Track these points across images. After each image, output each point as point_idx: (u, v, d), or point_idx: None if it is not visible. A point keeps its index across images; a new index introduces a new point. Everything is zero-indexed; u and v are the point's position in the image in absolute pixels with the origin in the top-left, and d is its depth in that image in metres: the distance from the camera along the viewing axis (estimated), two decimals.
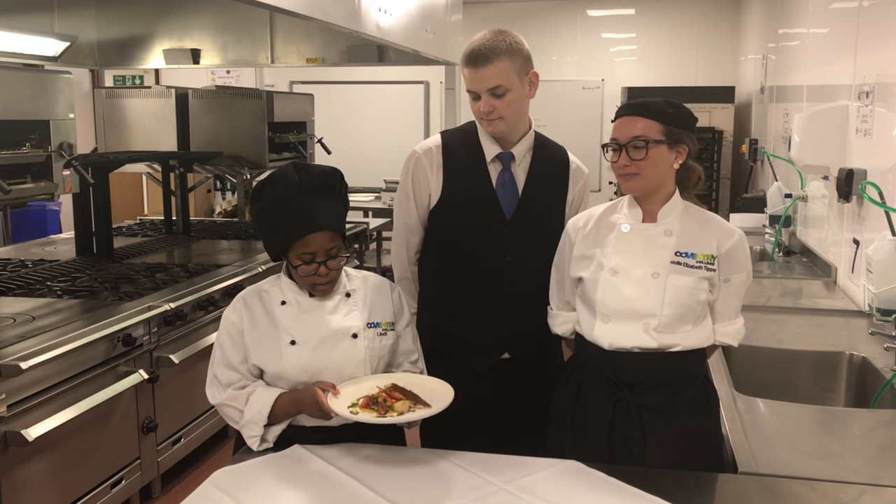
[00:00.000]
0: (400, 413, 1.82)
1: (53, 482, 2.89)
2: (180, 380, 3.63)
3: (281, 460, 1.88)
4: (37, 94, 3.27)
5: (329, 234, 1.91)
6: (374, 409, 1.82)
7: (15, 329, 2.99)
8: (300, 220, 1.90)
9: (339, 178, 1.99)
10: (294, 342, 1.94)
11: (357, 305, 2.02)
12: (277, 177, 1.94)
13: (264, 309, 1.99)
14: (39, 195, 3.35)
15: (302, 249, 1.90)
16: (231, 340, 1.99)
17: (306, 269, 1.91)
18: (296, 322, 1.96)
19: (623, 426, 1.96)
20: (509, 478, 1.76)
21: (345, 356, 1.96)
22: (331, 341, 1.96)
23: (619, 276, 1.96)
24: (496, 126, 2.19)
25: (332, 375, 1.94)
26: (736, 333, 2.04)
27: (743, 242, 2.00)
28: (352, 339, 1.97)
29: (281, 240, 1.93)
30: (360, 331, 1.98)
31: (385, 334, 2.02)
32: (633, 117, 1.93)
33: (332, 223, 1.93)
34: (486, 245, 2.25)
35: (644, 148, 1.90)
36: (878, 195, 2.79)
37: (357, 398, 1.87)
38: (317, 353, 1.94)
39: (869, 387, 2.48)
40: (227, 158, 5.36)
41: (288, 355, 1.93)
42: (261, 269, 4.26)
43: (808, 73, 4.33)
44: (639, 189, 1.96)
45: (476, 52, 2.13)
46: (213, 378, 2.00)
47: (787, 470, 1.78)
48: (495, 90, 2.14)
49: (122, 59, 5.73)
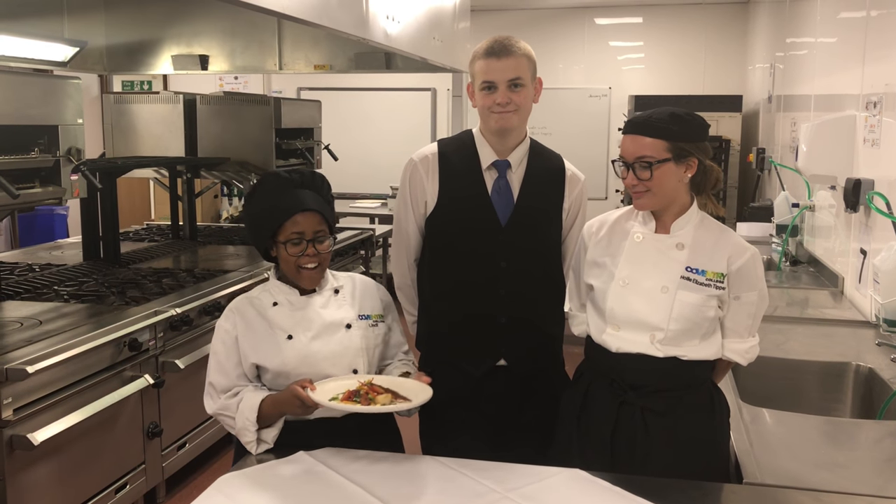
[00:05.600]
0: (383, 405, 1.86)
1: (58, 486, 2.89)
2: (186, 385, 3.63)
3: (285, 467, 1.89)
4: (46, 100, 3.28)
5: (317, 217, 2.01)
6: (357, 402, 1.86)
7: (22, 333, 3.00)
8: (289, 202, 2.01)
9: (326, 181, 2.12)
10: (291, 336, 2.00)
11: (346, 300, 2.10)
12: (269, 175, 2.09)
13: (257, 312, 2.05)
14: (47, 200, 3.36)
15: (291, 229, 1.99)
16: (224, 347, 2.03)
17: (294, 250, 1.99)
18: (289, 319, 2.03)
19: (627, 428, 1.97)
20: (513, 485, 1.76)
21: (342, 345, 2.02)
22: (326, 333, 2.02)
23: (628, 288, 1.96)
24: (509, 120, 2.20)
25: (331, 365, 2.00)
26: (746, 352, 2.01)
27: (755, 261, 1.98)
28: (346, 330, 2.04)
29: (272, 223, 2.00)
30: (353, 321, 2.06)
31: (376, 325, 2.11)
32: (638, 136, 1.92)
33: (319, 206, 2.03)
34: (481, 251, 2.27)
35: (649, 168, 1.90)
36: (886, 205, 2.79)
37: (337, 393, 1.90)
38: (314, 344, 2.00)
39: (875, 398, 2.47)
40: (234, 164, 5.37)
41: (287, 349, 1.99)
42: (266, 274, 4.25)
43: (815, 83, 4.33)
44: (650, 206, 1.97)
45: (498, 45, 2.18)
46: (209, 385, 2.05)
47: (792, 481, 1.78)
48: (515, 80, 2.17)
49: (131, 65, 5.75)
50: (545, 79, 2.30)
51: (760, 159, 5.96)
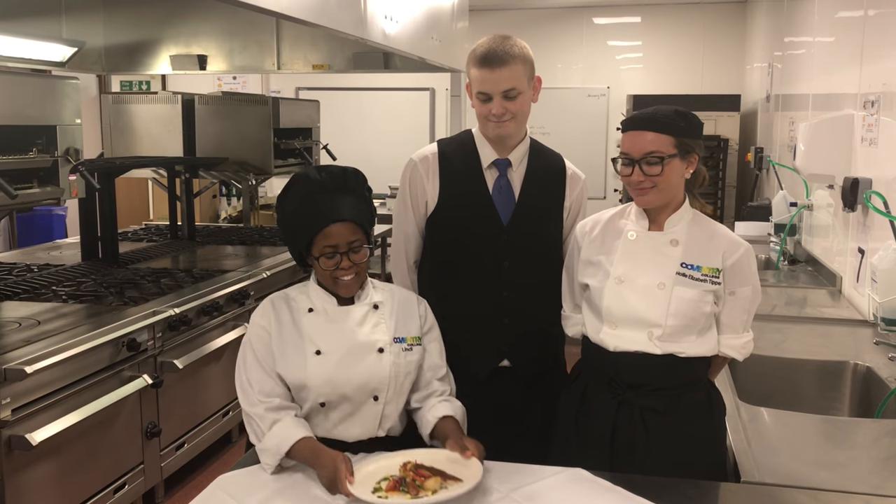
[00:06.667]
0: (434, 491, 1.67)
1: (57, 486, 2.89)
2: (184, 385, 3.63)
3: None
4: (44, 100, 3.28)
5: (351, 226, 1.91)
6: (405, 492, 1.67)
7: (20, 333, 3.00)
8: (320, 213, 1.90)
9: (361, 177, 2.01)
10: (319, 352, 1.91)
11: (384, 318, 1.99)
12: (300, 177, 1.97)
13: (291, 316, 1.96)
14: (46, 200, 3.36)
15: (323, 242, 1.89)
16: (262, 345, 1.94)
17: (328, 263, 1.90)
18: (322, 331, 1.94)
19: (626, 428, 1.97)
20: (514, 485, 1.77)
21: (370, 370, 1.92)
22: (356, 354, 1.92)
23: (624, 285, 1.97)
24: (506, 128, 2.19)
25: (355, 389, 1.91)
26: (741, 347, 2.02)
27: (749, 256, 1.99)
28: (377, 354, 1.93)
29: (304, 235, 1.92)
30: (386, 345, 1.94)
31: (411, 349, 1.98)
32: (644, 132, 1.92)
33: (353, 214, 1.92)
34: (482, 251, 2.26)
35: (659, 164, 1.90)
36: (883, 204, 2.79)
37: (378, 480, 1.73)
38: (341, 365, 1.90)
39: (873, 397, 2.47)
40: (232, 164, 5.37)
41: (312, 366, 1.90)
42: (265, 274, 4.27)
43: (813, 82, 4.33)
44: (655, 202, 1.96)
45: (492, 53, 2.13)
46: (246, 382, 1.93)
47: (790, 479, 1.78)
48: (509, 92, 2.14)
49: (129, 65, 5.75)
50: (543, 79, 2.27)
51: (759, 159, 5.97)
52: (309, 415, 1.93)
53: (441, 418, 1.94)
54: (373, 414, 1.94)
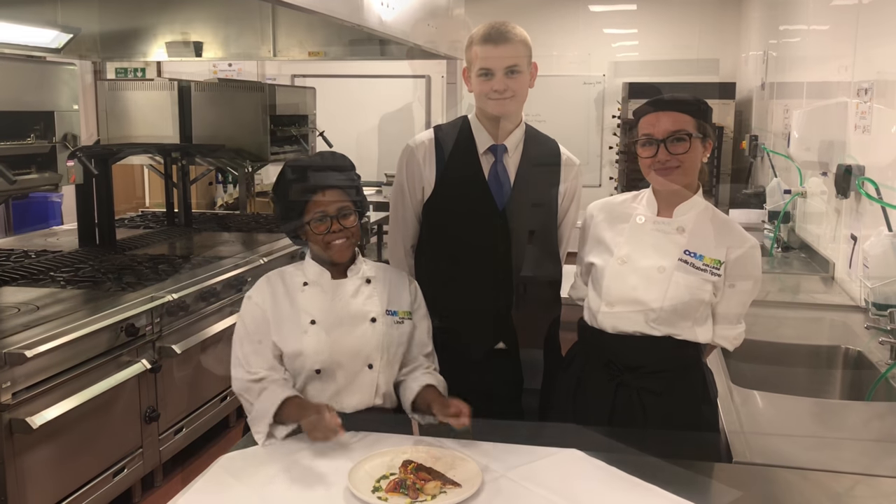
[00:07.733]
0: (432, 496, 1.68)
1: (57, 470, 2.91)
2: (183, 370, 3.65)
3: (288, 445, 1.91)
4: (41, 86, 3.29)
5: (339, 192, 2.02)
6: (405, 493, 1.68)
7: (19, 318, 3.01)
8: (311, 183, 2.02)
9: (347, 159, 2.13)
10: (314, 321, 2.00)
11: (377, 291, 2.08)
12: (293, 160, 2.13)
13: (286, 289, 2.06)
14: (44, 186, 3.37)
15: (314, 208, 1.99)
16: (254, 321, 2.03)
17: (320, 227, 1.99)
18: (316, 303, 2.03)
19: (624, 409, 2.00)
20: (511, 465, 1.79)
21: (363, 339, 2.02)
22: (350, 323, 2.02)
23: (626, 266, 2.00)
24: (506, 106, 2.22)
25: (349, 357, 2.00)
26: (734, 338, 2.06)
27: (754, 251, 2.02)
28: (370, 323, 2.03)
29: (297, 204, 2.02)
30: (378, 315, 2.04)
31: (402, 322, 2.08)
32: (668, 112, 1.95)
33: (341, 182, 2.04)
34: (478, 236, 2.29)
35: (687, 140, 1.93)
36: (876, 191, 2.82)
37: (378, 477, 1.75)
38: (335, 334, 2.00)
39: (864, 380, 2.50)
40: (228, 151, 5.37)
41: (307, 335, 1.99)
42: (262, 261, 4.28)
43: (808, 70, 4.35)
44: (679, 182, 1.98)
45: (495, 31, 2.18)
46: (236, 358, 2.03)
47: (781, 460, 1.81)
48: (513, 68, 2.18)
49: (125, 52, 5.73)
50: (539, 66, 2.30)
51: (753, 146, 6.00)
52: (306, 384, 2.01)
53: (424, 386, 2.04)
54: (368, 382, 2.02)
